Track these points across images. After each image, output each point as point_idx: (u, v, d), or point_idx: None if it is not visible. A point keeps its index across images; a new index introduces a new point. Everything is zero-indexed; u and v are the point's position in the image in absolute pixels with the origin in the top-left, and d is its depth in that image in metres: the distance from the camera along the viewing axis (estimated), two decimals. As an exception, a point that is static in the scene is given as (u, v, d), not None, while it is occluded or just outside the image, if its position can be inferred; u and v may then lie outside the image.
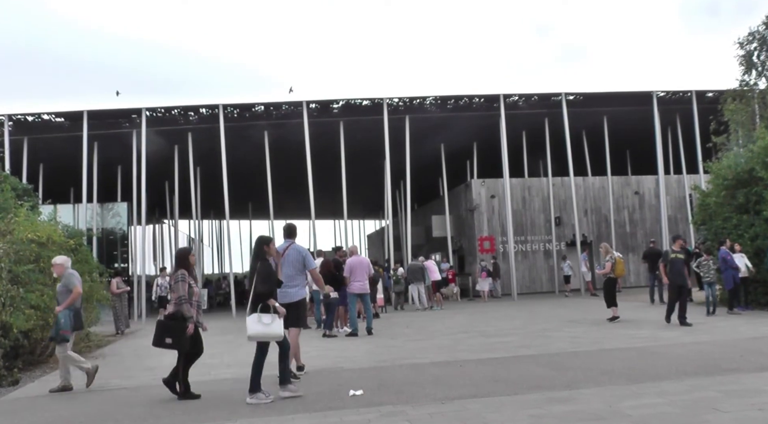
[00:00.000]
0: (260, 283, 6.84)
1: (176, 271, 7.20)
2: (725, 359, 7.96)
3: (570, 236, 26.79)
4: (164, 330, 7.11)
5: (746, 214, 15.12)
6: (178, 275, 7.15)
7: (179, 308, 7.07)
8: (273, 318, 6.74)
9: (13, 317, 9.34)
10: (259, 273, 6.86)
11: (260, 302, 6.79)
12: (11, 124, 23.07)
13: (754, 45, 21.06)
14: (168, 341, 7.05)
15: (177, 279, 7.12)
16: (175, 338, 7.04)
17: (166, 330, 7.10)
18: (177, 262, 7.41)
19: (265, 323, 6.71)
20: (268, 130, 24.24)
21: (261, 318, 6.71)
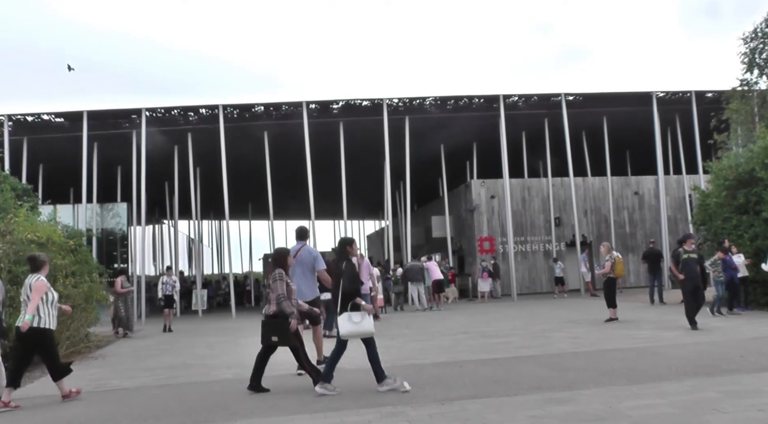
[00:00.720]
0: (348, 282, 7.04)
1: (274, 270, 7.38)
2: (725, 359, 7.96)
3: (570, 237, 26.81)
4: (270, 329, 7.32)
5: (746, 214, 15.13)
6: (276, 274, 7.34)
7: (280, 306, 7.30)
8: (363, 316, 6.97)
9: (12, 318, 9.33)
10: (346, 273, 7.06)
11: (348, 301, 6.98)
12: (11, 125, 23.07)
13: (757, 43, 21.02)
14: (274, 338, 7.28)
15: (275, 278, 7.31)
16: (280, 335, 7.27)
17: (272, 328, 7.30)
18: (275, 261, 7.59)
19: (356, 322, 6.92)
20: (268, 130, 24.25)
21: (351, 317, 6.92)
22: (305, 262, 8.76)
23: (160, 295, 17.75)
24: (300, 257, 8.76)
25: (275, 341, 7.28)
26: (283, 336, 7.27)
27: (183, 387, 8.05)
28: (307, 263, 8.76)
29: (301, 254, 8.80)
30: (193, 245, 36.81)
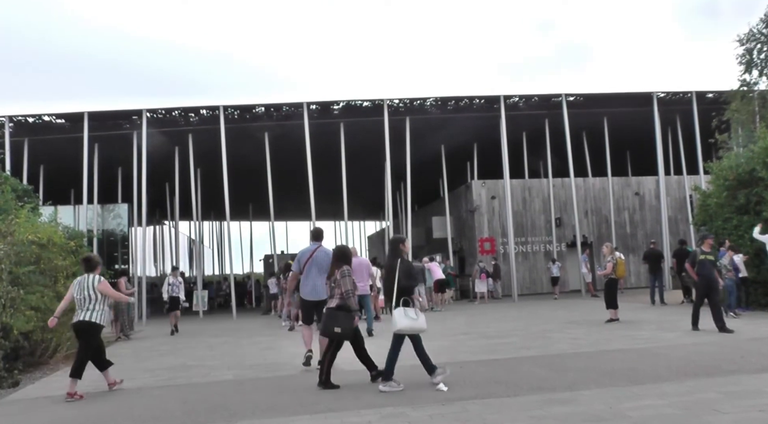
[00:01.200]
0: (403, 278, 7.22)
1: (341, 267, 7.58)
2: (726, 360, 7.95)
3: (570, 237, 26.81)
4: (334, 320, 7.41)
5: (747, 214, 15.12)
6: (344, 270, 7.52)
7: (346, 301, 7.43)
8: (417, 312, 7.13)
9: (13, 319, 9.36)
10: (401, 270, 7.25)
11: (403, 297, 7.15)
12: (12, 126, 23.09)
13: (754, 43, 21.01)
14: (337, 329, 7.35)
15: (343, 274, 7.50)
16: (343, 327, 7.37)
17: (336, 320, 7.40)
18: (340, 258, 7.75)
19: (413, 318, 7.09)
20: (268, 131, 24.27)
21: (406, 313, 7.08)
22: (321, 262, 8.94)
23: (166, 297, 16.93)
24: (316, 257, 9.01)
25: (338, 331, 7.38)
26: (346, 329, 7.41)
27: (183, 388, 8.05)
28: (323, 263, 8.87)
29: (317, 254, 9.04)
30: (194, 246, 36.82)
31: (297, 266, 9.22)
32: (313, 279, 8.98)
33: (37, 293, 10.21)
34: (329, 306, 7.53)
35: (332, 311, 7.47)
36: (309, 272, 9.02)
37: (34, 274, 10.47)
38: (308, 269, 9.03)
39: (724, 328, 10.77)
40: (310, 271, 9.01)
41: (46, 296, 10.39)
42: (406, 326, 7.08)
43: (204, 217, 33.59)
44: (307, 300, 9.13)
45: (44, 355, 11.01)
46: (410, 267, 7.46)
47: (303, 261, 9.13)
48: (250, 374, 8.82)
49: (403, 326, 7.08)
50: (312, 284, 9.01)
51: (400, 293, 7.18)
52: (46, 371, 10.26)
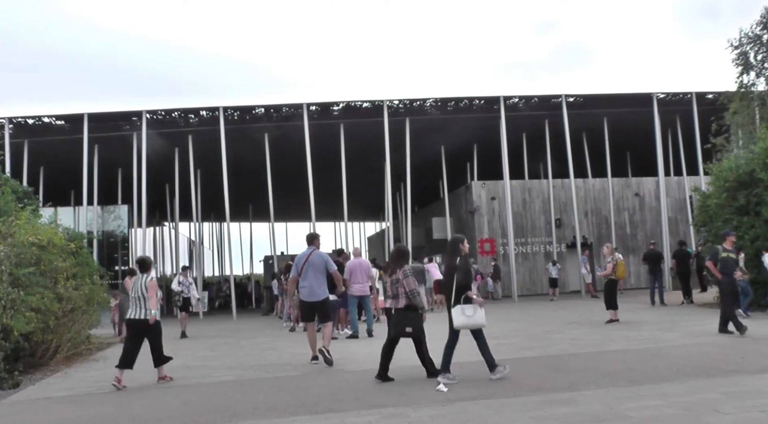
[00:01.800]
0: (462, 277, 7.41)
1: (401, 266, 7.80)
2: (726, 360, 7.95)
3: (570, 238, 26.81)
4: (404, 320, 7.64)
5: (746, 215, 15.12)
6: (406, 270, 7.74)
7: (414, 300, 7.66)
8: (475, 309, 7.33)
9: (13, 320, 9.34)
10: (459, 268, 7.45)
11: (462, 294, 7.35)
12: (12, 127, 23.09)
13: (750, 46, 20.98)
14: (408, 329, 7.60)
15: (406, 274, 7.70)
16: (415, 326, 7.62)
17: (407, 320, 7.63)
18: (399, 257, 8.01)
19: (469, 315, 7.30)
20: (268, 132, 24.28)
21: (464, 310, 7.28)
22: (317, 265, 9.50)
23: (177, 297, 16.11)
24: (311, 260, 9.52)
25: (409, 331, 7.60)
26: (416, 328, 7.63)
27: (184, 388, 8.05)
28: (319, 265, 9.49)
29: (313, 257, 9.55)
30: (194, 247, 36.80)
31: (295, 270, 9.75)
32: (310, 281, 9.45)
33: (38, 294, 10.20)
34: (398, 307, 7.74)
35: (402, 312, 7.69)
36: (306, 274, 9.49)
37: (35, 275, 10.46)
38: (305, 272, 9.50)
39: (727, 330, 10.54)
40: (307, 273, 9.48)
41: (47, 297, 10.38)
42: (464, 323, 7.32)
43: (204, 218, 33.57)
44: (304, 301, 9.64)
45: (45, 356, 11.00)
46: (468, 266, 7.70)
47: (300, 265, 9.61)
48: (250, 375, 8.82)
49: (462, 323, 7.31)
50: (309, 286, 9.47)
51: (459, 290, 7.38)
52: (46, 373, 10.26)
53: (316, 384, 7.70)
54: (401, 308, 7.69)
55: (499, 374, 7.30)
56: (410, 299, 7.65)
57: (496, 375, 7.29)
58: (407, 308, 7.69)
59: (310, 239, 10.01)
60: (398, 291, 7.75)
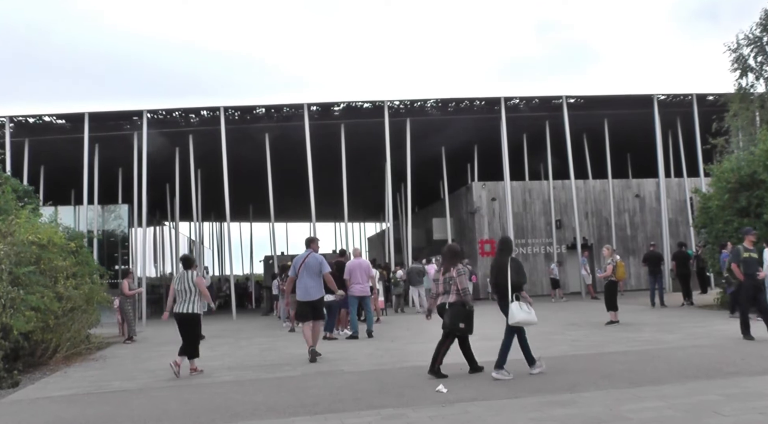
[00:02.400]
0: (515, 275, 7.75)
1: (455, 264, 8.03)
2: (726, 362, 7.95)
3: (571, 239, 26.80)
4: (458, 316, 7.83)
5: (747, 217, 15.10)
6: (459, 269, 7.99)
7: (465, 298, 7.87)
8: (530, 307, 7.69)
9: (13, 319, 9.34)
10: (512, 267, 7.81)
11: (516, 292, 7.68)
12: (12, 126, 23.09)
13: (750, 48, 20.96)
14: (461, 325, 7.81)
15: (459, 272, 7.95)
16: (467, 322, 7.86)
17: (460, 316, 7.83)
18: (453, 256, 8.20)
19: (527, 312, 7.62)
20: (269, 132, 24.27)
21: (521, 307, 7.61)
22: (312, 266, 10.14)
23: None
24: (308, 262, 10.14)
25: (462, 327, 7.81)
26: (468, 324, 7.87)
27: (184, 389, 8.04)
28: (314, 267, 10.14)
29: (309, 259, 10.19)
30: (194, 247, 36.80)
31: (293, 270, 10.36)
32: (305, 282, 10.09)
33: (37, 293, 10.19)
34: (451, 302, 7.92)
35: (456, 308, 7.87)
36: (302, 275, 10.12)
37: (34, 274, 10.46)
38: (301, 273, 10.13)
39: (749, 333, 10.03)
40: (303, 274, 10.12)
41: (46, 296, 10.37)
42: (523, 319, 7.61)
43: (204, 218, 33.58)
44: (300, 301, 10.23)
45: (44, 355, 11.00)
46: (520, 265, 8.01)
47: (297, 266, 10.23)
48: (250, 375, 8.82)
49: (520, 319, 7.60)
50: (304, 286, 10.10)
51: (514, 288, 7.69)
52: (45, 372, 10.26)
53: (316, 385, 7.70)
54: (454, 304, 7.89)
55: (537, 368, 7.66)
56: (461, 296, 7.86)
57: (535, 370, 7.64)
58: (460, 304, 7.90)
59: (308, 242, 10.67)
60: (451, 288, 7.95)
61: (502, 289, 7.82)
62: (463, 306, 7.87)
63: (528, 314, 7.63)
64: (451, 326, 7.86)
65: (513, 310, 7.60)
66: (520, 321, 7.62)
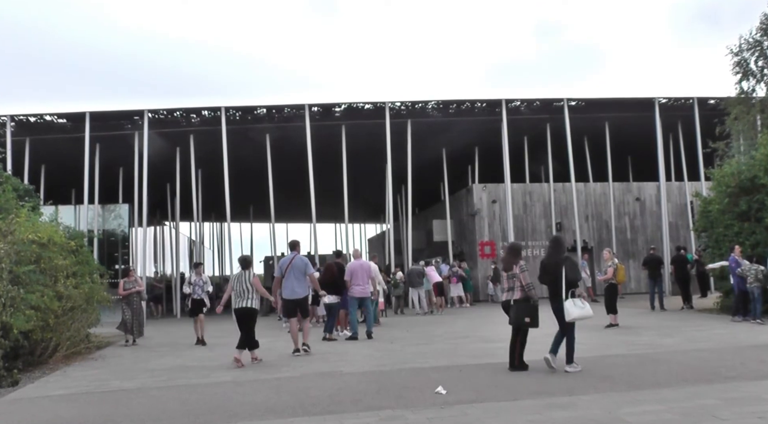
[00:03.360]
0: (570, 272, 8.08)
1: (517, 261, 8.35)
2: (725, 366, 7.95)
3: (571, 242, 26.79)
4: (523, 311, 8.09)
5: (748, 221, 15.11)
6: (522, 265, 8.29)
7: (529, 293, 8.11)
8: (584, 302, 7.98)
9: (13, 318, 9.34)
10: (567, 265, 8.15)
11: (571, 289, 7.97)
12: (13, 125, 23.11)
13: (750, 52, 20.98)
14: (527, 320, 8.06)
15: (522, 269, 8.24)
16: (533, 317, 8.10)
17: (525, 311, 8.08)
18: (515, 253, 8.54)
19: (581, 307, 7.92)
20: (270, 132, 24.29)
21: (575, 303, 7.91)
22: (299, 267, 11.00)
23: (198, 296, 14.12)
24: (294, 263, 11.00)
25: (527, 322, 8.06)
26: (534, 319, 8.10)
27: (183, 389, 8.05)
28: (300, 268, 11.00)
29: (296, 261, 11.04)
30: (194, 247, 36.82)
31: (279, 271, 11.17)
32: (291, 282, 10.93)
33: (37, 292, 10.20)
34: (516, 299, 8.17)
35: (521, 304, 8.12)
36: (288, 275, 10.95)
37: (34, 273, 10.45)
38: (288, 274, 10.94)
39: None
40: (290, 275, 10.94)
41: (46, 295, 10.38)
42: (578, 315, 7.89)
43: (204, 218, 33.59)
44: (287, 299, 11.01)
45: (44, 354, 11.01)
46: (575, 263, 8.41)
47: (284, 267, 11.06)
48: (249, 376, 8.82)
49: (576, 315, 7.88)
50: (291, 286, 10.93)
51: (569, 285, 7.98)
52: (45, 371, 10.26)
53: (315, 386, 7.70)
54: (520, 300, 8.13)
55: (573, 368, 7.85)
56: (525, 292, 8.10)
57: (570, 368, 7.85)
58: (525, 300, 8.12)
59: (293, 245, 11.59)
60: (514, 284, 8.22)
61: (558, 288, 8.04)
62: (528, 301, 8.10)
63: (582, 309, 7.93)
64: (516, 322, 8.11)
65: (568, 307, 7.88)
66: (576, 317, 7.89)
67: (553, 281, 8.22)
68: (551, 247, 8.60)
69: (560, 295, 7.99)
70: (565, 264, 8.13)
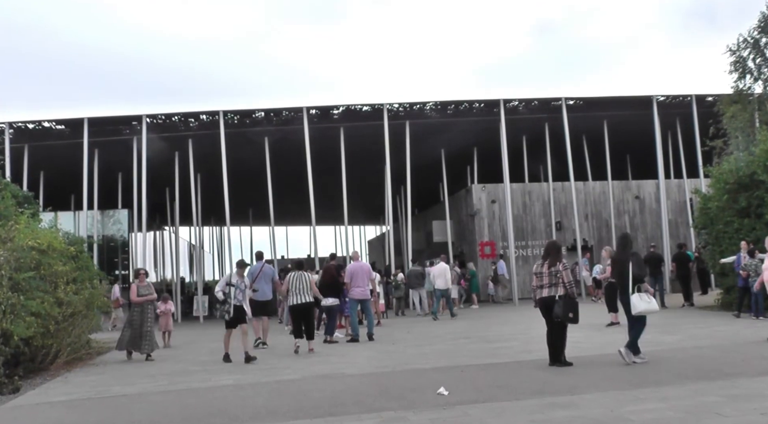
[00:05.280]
0: (636, 268, 8.39)
1: (561, 260, 8.60)
2: (727, 363, 7.95)
3: (571, 241, 26.78)
4: (568, 307, 8.35)
5: (747, 218, 15.11)
6: (564, 263, 8.57)
7: (570, 290, 8.42)
8: (650, 297, 8.37)
9: (13, 325, 9.32)
10: (633, 261, 8.46)
11: (637, 284, 8.33)
12: (12, 132, 23.10)
13: (748, 51, 21.02)
14: (570, 315, 8.33)
15: (565, 267, 8.54)
16: (575, 313, 8.39)
17: (569, 307, 8.35)
18: (557, 251, 8.74)
19: (647, 301, 8.29)
20: (268, 136, 24.28)
21: (642, 297, 8.26)
22: (267, 274, 13.24)
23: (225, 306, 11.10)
24: (265, 270, 13.21)
25: (571, 317, 8.33)
26: (576, 314, 8.39)
27: (183, 393, 8.04)
28: (269, 275, 13.31)
29: (265, 269, 13.26)
30: (194, 251, 36.80)
31: (250, 278, 12.44)
32: (262, 286, 12.93)
33: (38, 298, 10.18)
34: (560, 295, 8.41)
35: (565, 300, 8.37)
36: (259, 281, 12.88)
37: (34, 280, 10.44)
38: (258, 279, 12.89)
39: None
40: (260, 281, 12.94)
41: (47, 301, 10.36)
42: (644, 309, 8.24)
43: (204, 222, 33.54)
44: (256, 300, 12.63)
45: (45, 361, 10.99)
46: (641, 259, 8.73)
47: (255, 274, 12.92)
48: (250, 379, 8.81)
49: (642, 309, 8.23)
50: (261, 290, 12.86)
51: (635, 280, 8.33)
52: (46, 377, 10.25)
53: (316, 388, 7.69)
54: (563, 297, 8.37)
55: (640, 359, 8.16)
56: (567, 289, 8.38)
57: (637, 359, 8.14)
58: (568, 297, 8.40)
59: (260, 255, 14.20)
60: (558, 281, 8.45)
61: (625, 282, 8.36)
62: (571, 298, 8.42)
63: (648, 303, 8.26)
64: (563, 317, 8.34)
65: (634, 301, 8.22)
66: (642, 311, 8.22)
67: (619, 276, 8.57)
68: (619, 244, 9.03)
69: (627, 289, 8.31)
70: (632, 260, 8.43)
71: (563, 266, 8.50)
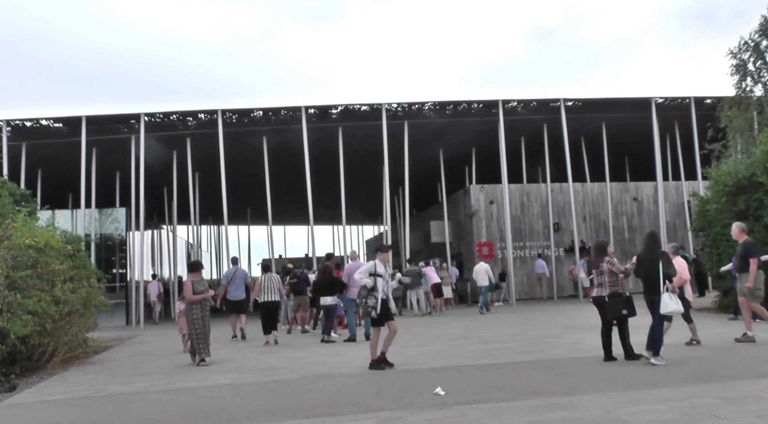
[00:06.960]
0: (666, 267, 8.44)
1: (604, 259, 8.78)
2: (724, 365, 7.96)
3: (569, 242, 26.81)
4: (619, 304, 8.64)
5: (746, 220, 15.09)
6: (608, 260, 8.75)
7: (617, 289, 8.68)
8: (676, 297, 8.39)
9: (10, 323, 9.30)
10: (663, 260, 8.50)
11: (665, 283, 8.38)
12: (9, 130, 23.06)
13: (748, 54, 21.06)
14: (624, 312, 8.62)
15: (611, 263, 8.72)
16: (629, 308, 8.66)
17: (621, 304, 8.64)
18: (601, 251, 8.95)
19: (677, 302, 8.33)
20: (266, 135, 24.27)
21: (671, 297, 8.29)
22: (241, 277, 14.90)
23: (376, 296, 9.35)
24: (238, 274, 14.95)
25: (625, 313, 8.62)
26: (631, 309, 8.67)
27: (181, 392, 8.02)
28: (242, 277, 14.96)
29: (239, 272, 15.08)
30: (192, 250, 36.75)
31: (225, 280, 14.92)
32: (237, 287, 14.62)
33: (34, 297, 10.15)
34: (609, 294, 8.71)
35: (615, 298, 8.67)
36: (233, 283, 14.62)
37: (31, 278, 10.41)
38: (233, 281, 14.65)
39: None
40: (235, 282, 14.65)
41: (44, 300, 10.33)
42: (674, 309, 8.29)
43: (202, 221, 33.54)
44: (230, 300, 14.57)
45: (41, 359, 10.96)
46: (669, 258, 8.74)
47: (230, 277, 14.81)
48: (248, 379, 8.80)
49: (672, 309, 8.28)
50: (236, 290, 14.57)
51: (666, 279, 8.38)
52: (43, 376, 10.22)
53: (314, 388, 7.68)
54: (612, 295, 8.64)
55: (659, 361, 8.10)
56: (612, 288, 8.65)
57: (656, 361, 8.10)
58: (617, 294, 8.64)
59: (235, 260, 16.88)
60: (604, 281, 8.72)
61: (655, 281, 8.39)
62: (620, 295, 8.61)
63: (678, 303, 8.30)
64: (616, 315, 8.60)
65: (665, 300, 8.24)
66: (672, 311, 8.26)
67: (648, 275, 8.57)
68: (647, 243, 8.99)
69: (656, 288, 8.37)
70: (662, 259, 8.48)
71: (608, 263, 8.68)
